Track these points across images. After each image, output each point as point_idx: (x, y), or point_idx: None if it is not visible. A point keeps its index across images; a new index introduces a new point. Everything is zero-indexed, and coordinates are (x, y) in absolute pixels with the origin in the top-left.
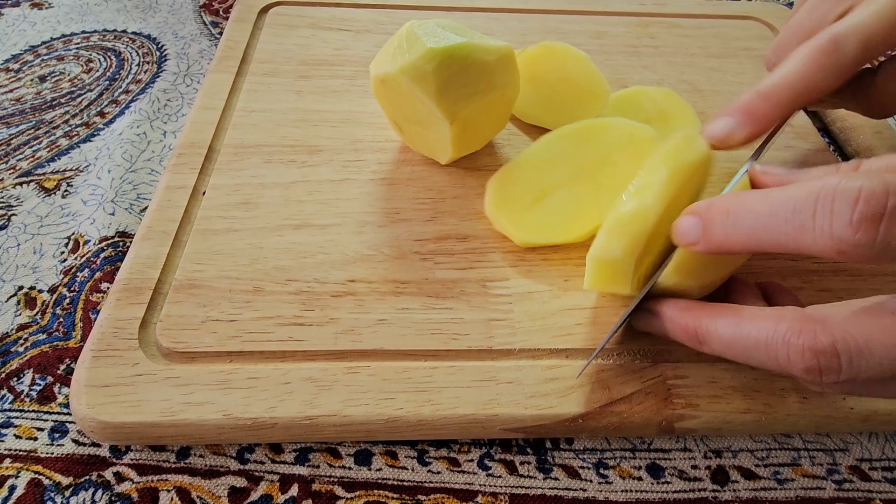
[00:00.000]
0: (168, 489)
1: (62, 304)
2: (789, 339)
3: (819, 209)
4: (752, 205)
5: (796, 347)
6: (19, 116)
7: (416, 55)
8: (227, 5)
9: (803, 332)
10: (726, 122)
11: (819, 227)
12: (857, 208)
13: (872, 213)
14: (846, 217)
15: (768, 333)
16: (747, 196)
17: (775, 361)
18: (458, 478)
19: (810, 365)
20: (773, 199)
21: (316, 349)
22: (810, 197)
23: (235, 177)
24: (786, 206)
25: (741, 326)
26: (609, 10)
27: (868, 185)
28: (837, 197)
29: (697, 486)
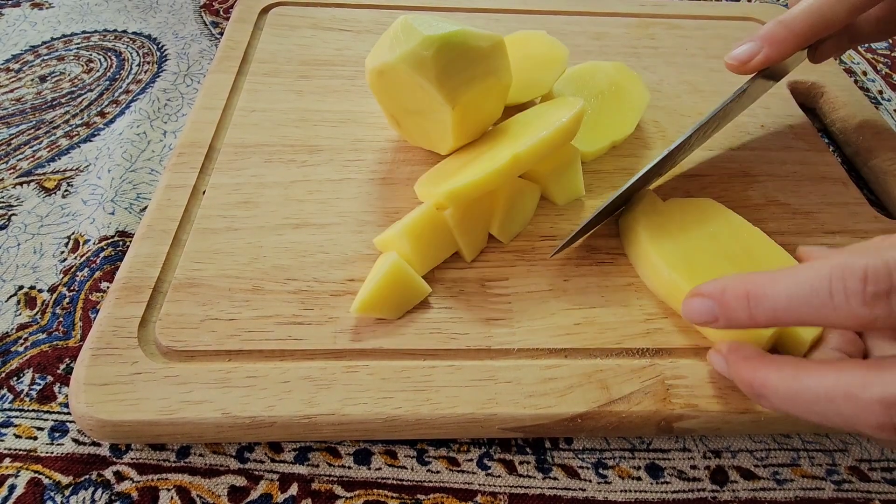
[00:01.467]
0: (168, 488)
1: (62, 304)
2: (855, 393)
3: (834, 291)
4: (769, 290)
5: (863, 402)
6: (20, 116)
7: (415, 43)
8: (228, 5)
9: (868, 384)
10: (748, 45)
11: (839, 307)
12: (866, 289)
13: (880, 292)
14: (859, 297)
15: (830, 386)
16: (761, 280)
17: (841, 417)
18: (458, 477)
19: (882, 421)
20: (790, 282)
21: (315, 348)
22: (823, 279)
23: (235, 176)
24: (802, 289)
25: (800, 379)
26: (609, 11)
27: (872, 264)
28: (847, 278)
29: (696, 487)
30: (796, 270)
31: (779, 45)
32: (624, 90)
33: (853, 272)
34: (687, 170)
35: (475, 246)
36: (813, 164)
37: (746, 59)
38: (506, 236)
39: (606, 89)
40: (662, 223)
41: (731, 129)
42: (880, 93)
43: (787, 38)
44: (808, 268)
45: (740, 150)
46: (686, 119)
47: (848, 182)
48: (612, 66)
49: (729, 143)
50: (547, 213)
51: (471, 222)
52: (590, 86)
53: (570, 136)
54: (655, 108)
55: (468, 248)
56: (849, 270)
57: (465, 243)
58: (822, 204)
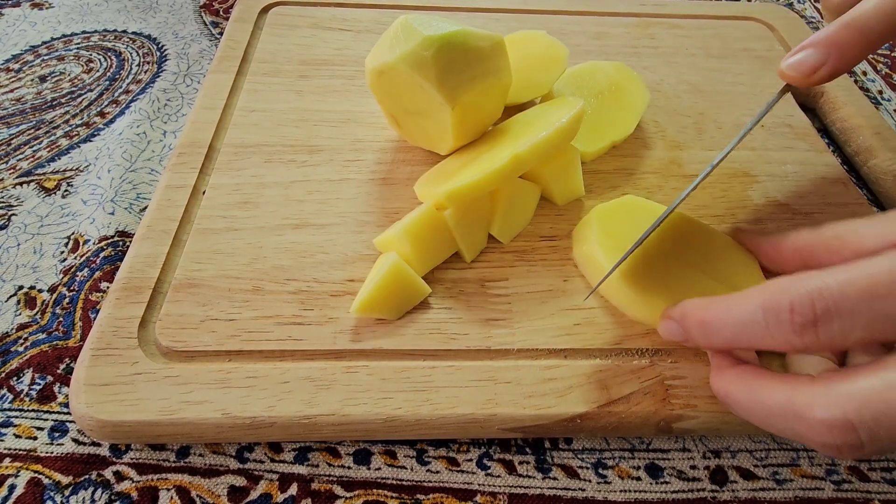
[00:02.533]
0: (168, 488)
1: (62, 304)
2: (802, 412)
3: (770, 323)
4: (718, 319)
5: (809, 421)
6: (19, 116)
7: (415, 43)
8: (228, 5)
9: (814, 405)
10: (811, 54)
11: (775, 336)
12: (794, 319)
13: (806, 322)
14: (790, 329)
15: (781, 403)
16: (713, 309)
17: (793, 433)
18: (457, 477)
19: (825, 441)
20: (734, 313)
21: (315, 348)
22: (757, 311)
23: (235, 176)
24: (743, 320)
25: (756, 393)
26: (609, 10)
27: (797, 300)
28: (777, 311)
29: (696, 487)
30: (739, 300)
31: (848, 53)
32: (624, 90)
33: (780, 306)
34: (687, 170)
35: (475, 246)
36: (813, 164)
37: (810, 71)
38: (506, 236)
39: (606, 89)
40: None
41: (731, 129)
42: (880, 93)
43: (858, 43)
44: (746, 298)
45: (740, 150)
46: (686, 119)
47: (848, 182)
48: (612, 65)
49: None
50: (547, 213)
51: (471, 223)
52: (590, 85)
53: (570, 137)
54: (655, 108)
55: (468, 249)
56: (777, 304)
57: (465, 244)
58: (822, 204)
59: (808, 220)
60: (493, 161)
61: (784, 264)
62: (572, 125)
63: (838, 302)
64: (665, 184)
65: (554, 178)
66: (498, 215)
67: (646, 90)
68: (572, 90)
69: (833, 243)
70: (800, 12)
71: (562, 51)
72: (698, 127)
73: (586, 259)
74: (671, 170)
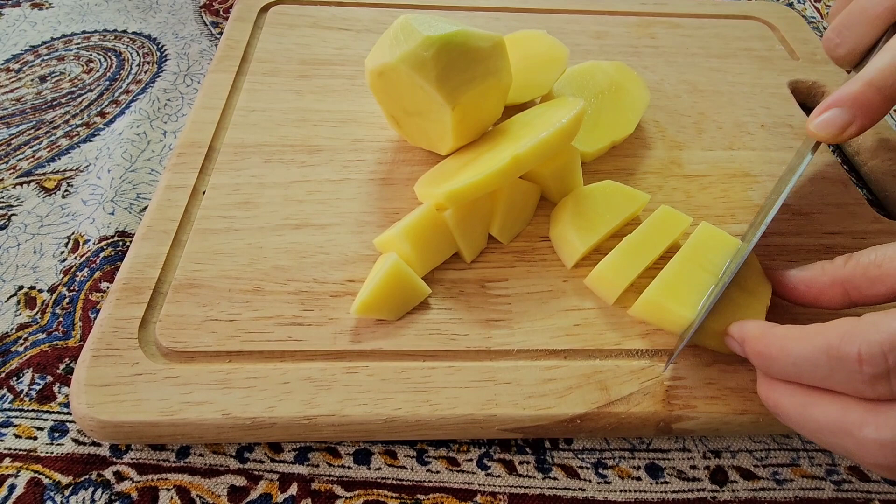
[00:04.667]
0: (168, 488)
1: (62, 304)
2: (853, 431)
3: (836, 369)
4: (778, 355)
5: (860, 440)
6: (20, 116)
7: (415, 44)
8: (228, 5)
9: (865, 424)
10: (838, 114)
11: (842, 383)
12: (863, 370)
13: (878, 373)
14: (859, 378)
15: (832, 421)
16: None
17: (843, 449)
18: (458, 477)
19: (877, 460)
20: (795, 351)
21: (315, 349)
22: (823, 358)
23: (235, 176)
24: (806, 361)
25: (807, 409)
26: (609, 9)
27: (866, 350)
28: (843, 359)
29: (696, 487)
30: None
31: (874, 111)
32: (624, 90)
33: (847, 355)
34: (687, 170)
35: (475, 246)
36: (813, 164)
37: (839, 131)
38: (506, 237)
39: (606, 89)
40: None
41: (730, 129)
42: None
43: (881, 101)
44: (807, 339)
45: (740, 150)
46: (686, 119)
47: (848, 182)
48: (612, 65)
49: (729, 143)
50: (547, 213)
51: (470, 223)
52: (590, 85)
53: (570, 137)
54: (655, 108)
55: (468, 249)
56: (842, 352)
57: (465, 244)
58: (822, 204)
59: (808, 220)
60: (494, 162)
61: (824, 300)
62: (572, 125)
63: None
64: (665, 184)
65: (554, 178)
66: (498, 215)
67: (646, 90)
68: (572, 90)
69: (871, 271)
70: (800, 11)
71: (562, 51)
72: (698, 127)
73: (560, 239)
74: (671, 170)
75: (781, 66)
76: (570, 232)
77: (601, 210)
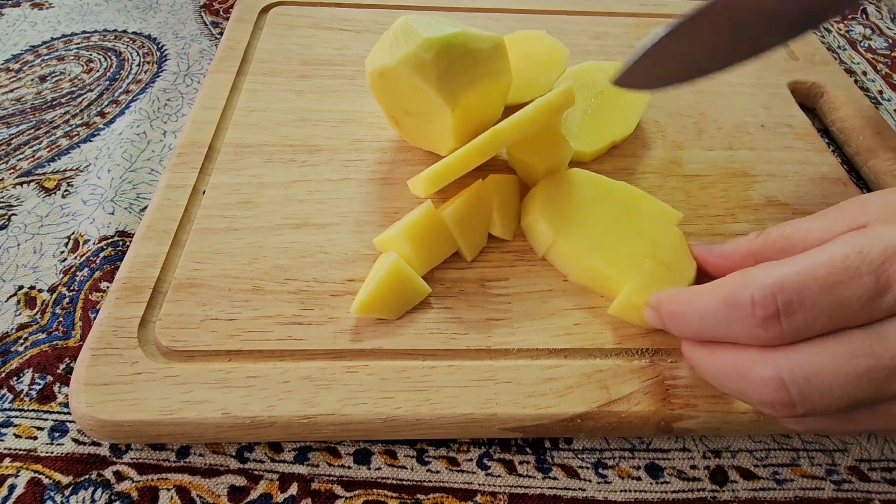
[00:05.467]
0: (168, 488)
1: (62, 304)
2: (744, 372)
3: (733, 317)
4: (686, 312)
5: (750, 380)
6: (19, 116)
7: (415, 45)
8: (228, 5)
9: (755, 364)
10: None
11: (741, 330)
12: (756, 313)
13: (769, 315)
14: (752, 322)
15: (730, 364)
16: (679, 298)
17: (740, 392)
18: (458, 477)
19: (763, 398)
20: (698, 305)
21: (315, 348)
22: (721, 305)
23: (235, 176)
24: (708, 314)
25: (712, 357)
26: (609, 10)
27: (758, 294)
28: (738, 306)
29: (696, 486)
30: (701, 294)
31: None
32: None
33: (742, 301)
34: (687, 170)
35: (475, 245)
36: (813, 164)
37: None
38: (508, 233)
39: (606, 89)
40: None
41: (731, 129)
42: (880, 93)
43: None
44: (708, 293)
45: (740, 150)
46: (686, 119)
47: (848, 182)
48: (611, 66)
49: (729, 143)
50: None
51: (470, 222)
52: (589, 85)
53: (552, 112)
54: (655, 108)
55: (468, 248)
56: (737, 298)
57: (465, 243)
58: (822, 204)
59: None
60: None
61: None
62: (555, 100)
63: (800, 292)
64: (665, 183)
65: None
66: (496, 215)
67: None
68: None
69: (779, 243)
70: None
71: (562, 51)
72: (698, 127)
73: (531, 229)
74: (671, 170)
75: (781, 66)
76: (541, 223)
77: (570, 199)
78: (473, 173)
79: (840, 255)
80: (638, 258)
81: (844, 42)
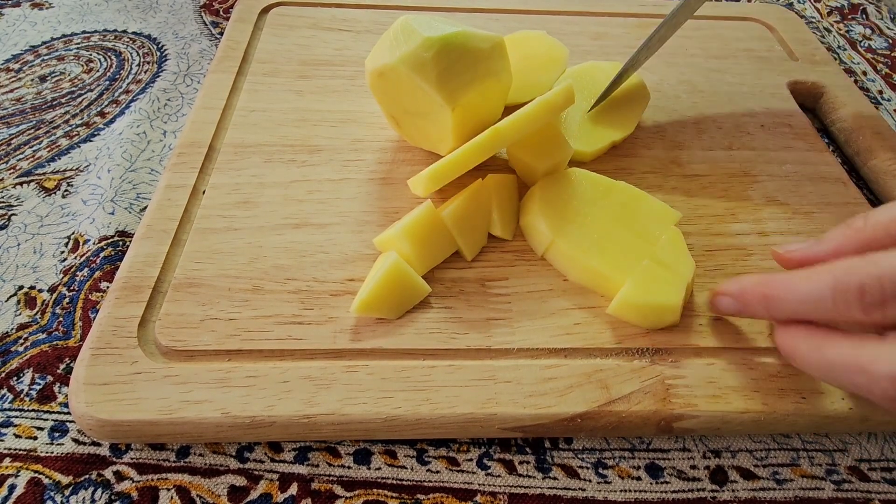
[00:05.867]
0: (168, 488)
1: (62, 304)
2: (866, 366)
3: (838, 302)
4: (783, 295)
5: (873, 375)
6: (19, 116)
7: (415, 44)
8: (228, 5)
9: (879, 359)
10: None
11: (843, 313)
12: (864, 300)
13: (875, 302)
14: (858, 308)
15: (846, 358)
16: (777, 284)
17: (855, 387)
18: (458, 477)
19: (889, 394)
20: (800, 291)
21: (314, 348)
22: (827, 291)
23: (235, 176)
24: (810, 298)
25: (822, 350)
26: (609, 11)
27: (868, 281)
28: (846, 292)
29: (696, 486)
30: (805, 279)
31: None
32: (624, 90)
33: (849, 287)
34: (687, 170)
35: (475, 245)
36: (813, 164)
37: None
38: (508, 233)
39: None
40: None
41: (731, 129)
42: (880, 93)
43: None
44: (814, 278)
45: (740, 150)
46: (686, 119)
47: (848, 182)
48: (612, 66)
49: (729, 143)
50: None
51: (470, 221)
52: (590, 86)
53: (552, 110)
54: (655, 108)
55: (468, 248)
56: (846, 285)
57: (465, 243)
58: (821, 204)
59: (809, 220)
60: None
61: None
62: (554, 98)
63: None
64: (665, 183)
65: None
66: (496, 215)
67: (646, 90)
68: None
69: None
70: (799, 12)
71: (562, 51)
72: (698, 127)
73: (529, 228)
74: (671, 169)
75: (780, 66)
76: (540, 222)
77: (568, 199)
78: (473, 173)
79: None
80: (636, 257)
81: (844, 42)
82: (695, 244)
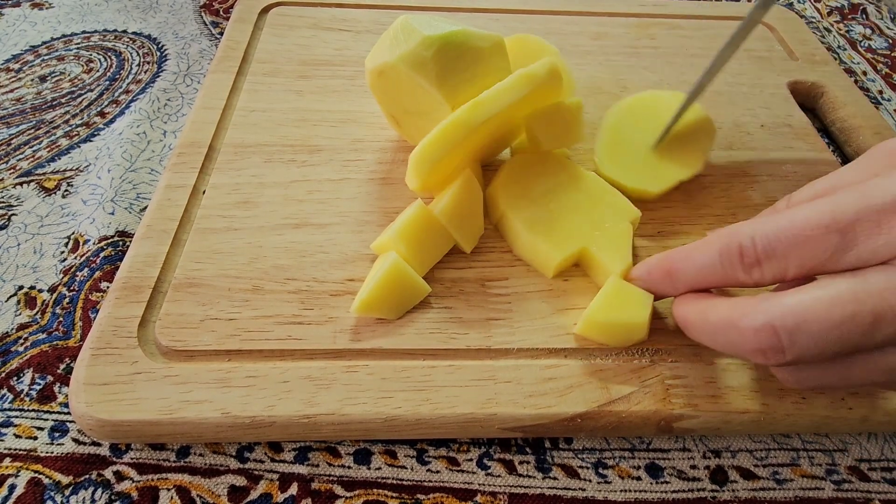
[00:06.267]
0: (168, 488)
1: (62, 304)
2: (736, 322)
3: (725, 266)
4: (682, 266)
5: (741, 330)
6: (20, 116)
7: (415, 43)
8: (228, 5)
9: (747, 314)
10: None
11: (730, 275)
12: (743, 261)
13: (751, 262)
14: (741, 269)
15: (722, 318)
16: (676, 256)
17: (731, 346)
18: (458, 477)
19: (753, 346)
20: (696, 258)
21: (314, 348)
22: (716, 256)
23: (235, 176)
24: (704, 264)
25: (705, 314)
26: (609, 11)
27: (744, 242)
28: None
29: (696, 486)
30: (699, 249)
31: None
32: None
33: (732, 249)
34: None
35: (472, 236)
36: (813, 164)
37: None
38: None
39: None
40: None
41: (731, 128)
42: (880, 93)
43: None
44: (706, 245)
45: (740, 150)
46: None
47: None
48: (673, 95)
49: (729, 143)
50: None
51: (462, 212)
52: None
53: (532, 82)
54: None
55: (465, 240)
56: (729, 247)
57: (461, 235)
58: None
59: None
60: None
61: None
62: (539, 71)
63: (772, 243)
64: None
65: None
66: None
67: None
68: (631, 121)
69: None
70: (799, 12)
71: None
72: None
73: (489, 198)
74: None
75: (780, 66)
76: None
77: (533, 177)
78: None
79: (803, 216)
80: (578, 241)
81: (844, 42)
82: None
